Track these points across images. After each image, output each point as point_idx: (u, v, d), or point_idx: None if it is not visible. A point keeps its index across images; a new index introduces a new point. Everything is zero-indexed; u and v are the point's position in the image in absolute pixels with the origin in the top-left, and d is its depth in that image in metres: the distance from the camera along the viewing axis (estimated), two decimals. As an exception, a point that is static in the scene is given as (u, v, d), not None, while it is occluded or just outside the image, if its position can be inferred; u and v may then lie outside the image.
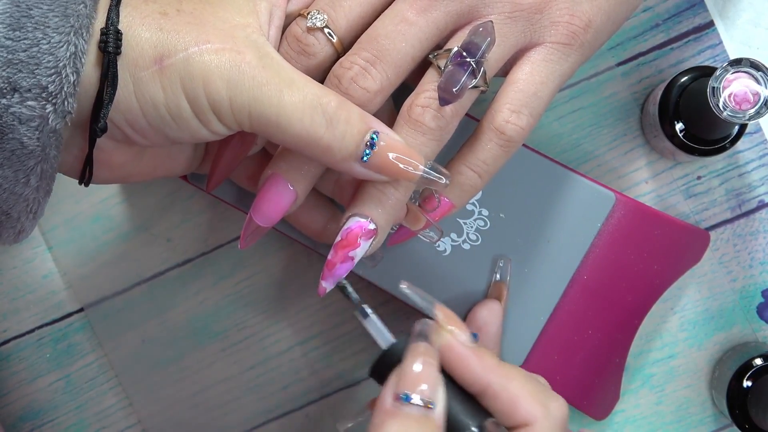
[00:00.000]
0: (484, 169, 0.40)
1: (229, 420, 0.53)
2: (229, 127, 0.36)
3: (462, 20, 0.39)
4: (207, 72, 0.34)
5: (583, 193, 0.46)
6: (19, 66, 0.32)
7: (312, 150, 0.36)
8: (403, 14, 0.38)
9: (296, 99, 0.35)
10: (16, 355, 0.54)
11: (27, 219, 0.36)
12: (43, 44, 0.32)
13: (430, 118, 0.38)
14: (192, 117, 0.35)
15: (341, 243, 0.39)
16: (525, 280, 0.46)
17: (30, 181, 0.34)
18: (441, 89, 0.37)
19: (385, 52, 0.38)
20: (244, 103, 0.35)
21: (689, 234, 0.48)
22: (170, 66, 0.34)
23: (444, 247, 0.47)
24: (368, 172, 0.37)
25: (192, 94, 0.35)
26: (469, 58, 0.37)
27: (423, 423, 0.34)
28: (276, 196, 0.39)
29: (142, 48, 0.34)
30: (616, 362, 0.49)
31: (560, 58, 0.40)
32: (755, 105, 0.41)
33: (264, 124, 0.36)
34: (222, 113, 0.35)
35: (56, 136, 0.34)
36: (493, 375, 0.36)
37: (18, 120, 0.32)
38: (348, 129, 0.36)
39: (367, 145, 0.37)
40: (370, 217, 0.39)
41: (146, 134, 0.36)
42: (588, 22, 0.40)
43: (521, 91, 0.39)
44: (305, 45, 0.39)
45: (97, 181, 0.38)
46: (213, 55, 0.35)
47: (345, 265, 0.39)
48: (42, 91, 0.32)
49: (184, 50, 0.34)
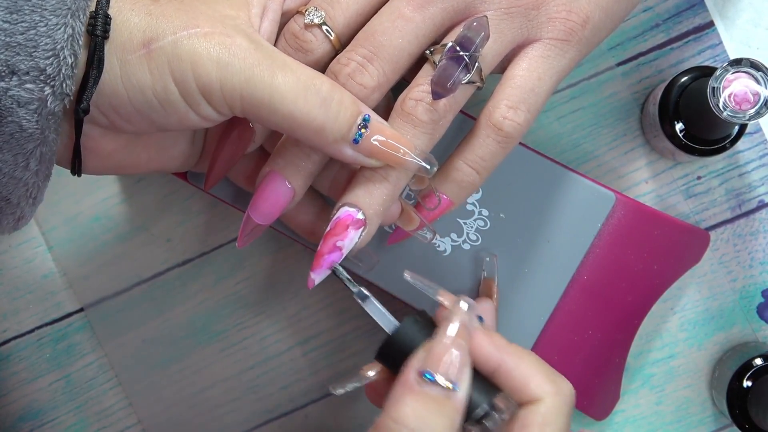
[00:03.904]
0: (481, 165, 0.40)
1: (229, 420, 0.53)
2: (220, 111, 0.36)
3: (458, 16, 0.39)
4: (196, 55, 0.34)
5: (583, 193, 0.46)
6: (17, 49, 0.32)
7: (305, 131, 0.36)
8: (400, 10, 0.39)
9: (289, 79, 0.35)
10: (16, 355, 0.54)
11: (27, 204, 0.36)
12: (41, 27, 0.32)
13: (422, 111, 0.38)
14: (180, 101, 0.35)
15: (330, 232, 0.39)
16: (525, 280, 0.46)
17: (29, 164, 0.34)
18: (434, 83, 0.37)
19: (382, 48, 0.38)
20: (236, 85, 0.35)
21: (689, 234, 0.48)
22: (158, 49, 0.34)
23: (444, 247, 0.47)
24: (359, 156, 0.37)
25: (180, 77, 0.35)
26: (463, 52, 0.38)
27: (442, 404, 0.34)
28: (274, 193, 0.39)
29: (130, 32, 0.34)
30: (617, 362, 0.49)
31: (558, 54, 0.40)
32: (755, 105, 0.41)
33: (256, 106, 0.36)
34: (212, 96, 0.35)
35: (55, 119, 0.34)
36: (505, 354, 0.37)
37: (17, 103, 0.32)
38: (341, 110, 0.36)
39: (359, 127, 0.37)
40: (358, 206, 0.39)
41: (132, 120, 0.36)
42: (586, 18, 0.40)
43: (518, 87, 0.39)
44: (303, 41, 0.39)
45: (88, 170, 0.38)
46: (202, 39, 0.35)
47: (333, 255, 0.39)
48: (40, 73, 0.32)
49: (172, 34, 0.35)
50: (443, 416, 0.34)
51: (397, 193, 0.40)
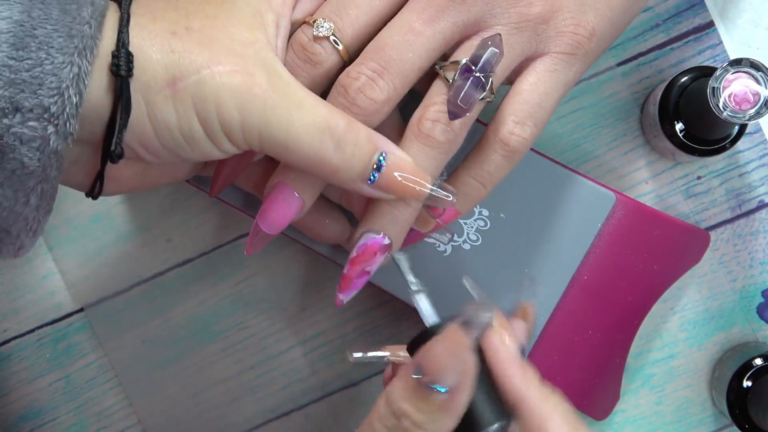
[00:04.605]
0: (488, 179, 0.40)
1: (229, 420, 0.53)
2: (239, 148, 0.37)
3: (469, 30, 0.39)
4: (219, 95, 0.34)
5: (584, 194, 0.46)
6: (21, 86, 0.31)
7: (320, 171, 0.37)
8: (410, 24, 0.38)
9: (305, 122, 0.36)
10: (17, 355, 0.54)
11: (27, 237, 0.35)
12: (47, 64, 0.32)
13: (440, 132, 0.38)
14: (204, 139, 0.36)
15: (357, 258, 0.39)
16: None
17: (30, 200, 0.34)
18: (451, 103, 0.37)
19: (392, 62, 0.38)
20: (255, 126, 0.35)
21: (689, 234, 0.48)
22: (183, 89, 0.34)
23: (444, 247, 0.47)
24: (376, 192, 0.38)
25: (204, 117, 0.35)
26: (478, 71, 0.37)
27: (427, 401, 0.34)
28: (282, 204, 0.39)
29: (154, 70, 0.34)
30: (617, 362, 0.49)
31: (564, 68, 0.40)
32: (755, 105, 0.41)
33: (273, 146, 0.36)
34: (233, 135, 0.36)
35: (57, 157, 0.33)
36: (532, 390, 0.36)
37: (19, 140, 0.32)
38: (356, 151, 0.36)
39: (375, 168, 0.37)
40: (383, 233, 0.39)
41: (159, 155, 0.36)
42: (592, 31, 0.40)
43: (526, 102, 0.39)
44: (311, 54, 0.38)
45: (104, 194, 0.38)
46: (225, 78, 0.35)
47: (362, 279, 0.40)
48: (44, 111, 0.32)
49: (196, 73, 0.34)
50: (424, 412, 0.34)
51: (417, 212, 0.40)
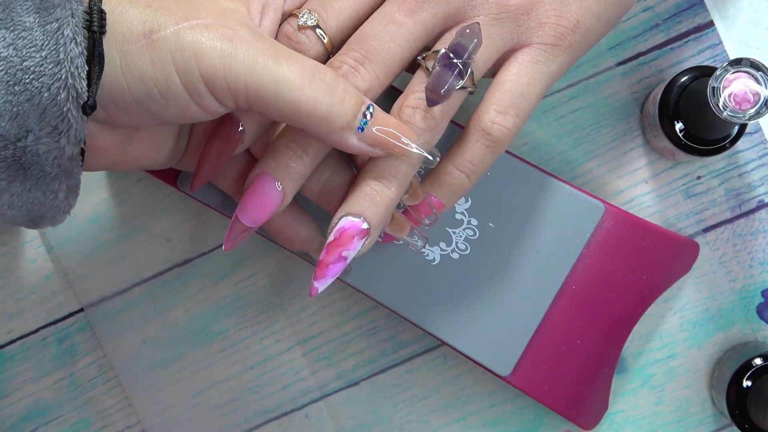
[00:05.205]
0: (471, 169, 0.40)
1: (229, 420, 0.54)
2: (222, 102, 0.36)
3: (449, 22, 0.40)
4: (199, 45, 0.35)
5: (572, 204, 0.46)
6: (27, 113, 0.33)
7: (311, 118, 0.36)
8: (392, 15, 0.39)
9: (295, 67, 0.36)
10: (22, 355, 0.54)
11: (60, 215, 0.37)
12: (44, 93, 0.33)
13: (420, 119, 0.39)
14: (181, 91, 0.35)
15: (334, 242, 0.39)
16: (513, 289, 0.46)
17: (59, 195, 0.36)
18: (429, 90, 0.38)
19: (374, 52, 0.39)
20: (240, 74, 0.35)
21: (678, 244, 0.47)
22: (160, 39, 0.34)
23: (433, 256, 0.47)
24: (363, 145, 0.38)
25: (183, 67, 0.35)
26: (456, 59, 0.38)
27: None
28: (263, 195, 0.39)
29: (130, 23, 0.34)
30: (605, 372, 0.48)
31: (547, 59, 0.40)
32: (755, 105, 0.41)
33: (261, 94, 0.35)
34: (216, 86, 0.35)
35: (75, 160, 0.35)
36: None
37: (37, 155, 0.34)
38: (346, 97, 0.37)
39: (364, 115, 0.37)
40: (363, 216, 0.39)
41: (131, 112, 0.36)
42: (576, 23, 0.40)
43: (507, 92, 0.40)
44: (296, 42, 0.39)
45: (85, 168, 0.38)
46: (204, 30, 0.35)
47: (338, 264, 0.39)
48: (53, 129, 0.33)
49: (174, 25, 0.35)
50: None
51: (398, 200, 0.40)
